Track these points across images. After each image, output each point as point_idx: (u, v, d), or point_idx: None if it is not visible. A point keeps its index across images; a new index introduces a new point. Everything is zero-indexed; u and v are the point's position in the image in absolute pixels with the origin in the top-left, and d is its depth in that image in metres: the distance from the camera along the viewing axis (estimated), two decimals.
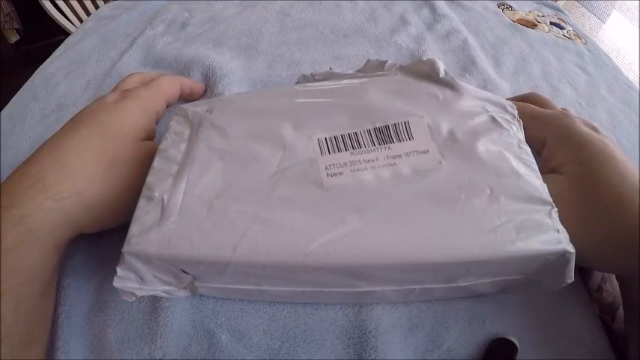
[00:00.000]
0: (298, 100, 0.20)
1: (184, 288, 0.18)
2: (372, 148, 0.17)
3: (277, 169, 0.17)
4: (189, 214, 0.16)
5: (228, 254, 0.15)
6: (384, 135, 0.18)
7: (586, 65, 0.37)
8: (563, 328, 0.19)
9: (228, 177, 0.17)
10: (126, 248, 0.15)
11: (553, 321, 0.19)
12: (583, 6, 1.29)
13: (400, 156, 0.17)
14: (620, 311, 0.20)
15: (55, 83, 0.33)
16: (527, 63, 0.35)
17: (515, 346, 0.18)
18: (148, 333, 0.19)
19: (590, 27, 1.27)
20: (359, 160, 0.17)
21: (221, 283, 0.17)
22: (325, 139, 0.18)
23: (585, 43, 0.41)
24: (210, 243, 0.15)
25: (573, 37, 0.42)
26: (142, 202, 0.16)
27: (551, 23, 0.42)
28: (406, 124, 0.18)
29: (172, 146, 0.18)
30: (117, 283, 0.16)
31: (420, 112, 0.18)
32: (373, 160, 0.17)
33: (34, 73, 0.36)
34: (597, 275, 0.21)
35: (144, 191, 0.17)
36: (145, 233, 0.15)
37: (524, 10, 0.43)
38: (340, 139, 0.18)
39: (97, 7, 1.04)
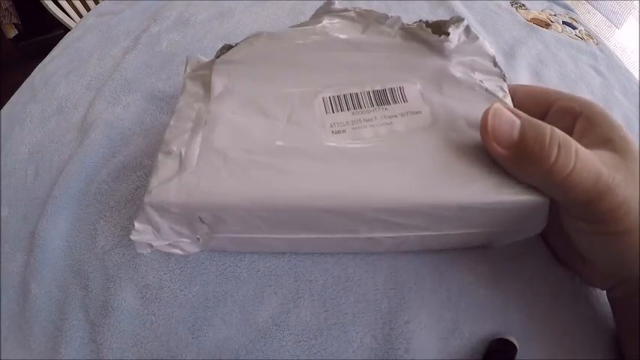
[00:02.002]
0: (303, 56, 0.21)
1: (198, 239, 0.20)
2: (371, 109, 0.19)
3: (286, 123, 0.19)
4: (206, 164, 0.17)
5: (244, 199, 0.17)
6: (382, 97, 0.20)
7: (599, 66, 0.37)
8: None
9: (241, 131, 0.18)
10: (147, 199, 0.16)
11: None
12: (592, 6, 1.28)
13: (396, 116, 0.19)
14: None
15: (55, 83, 0.32)
16: (544, 65, 0.34)
17: (515, 346, 0.18)
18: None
19: (595, 24, 1.26)
20: (359, 120, 0.19)
21: (234, 232, 0.19)
22: (329, 97, 0.20)
23: (597, 44, 0.40)
24: (228, 190, 0.17)
25: (585, 37, 0.41)
26: (160, 157, 0.18)
27: (563, 23, 0.41)
28: (401, 89, 0.20)
29: (187, 106, 0.20)
30: (134, 236, 0.17)
31: (412, 79, 0.20)
32: (372, 120, 0.19)
33: (33, 72, 0.35)
34: None
35: (162, 147, 0.18)
36: (165, 184, 0.17)
37: (536, 9, 0.42)
38: (343, 99, 0.20)
39: (96, 1, 1.03)
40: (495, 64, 0.20)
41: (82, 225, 0.23)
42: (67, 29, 0.95)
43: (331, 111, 0.19)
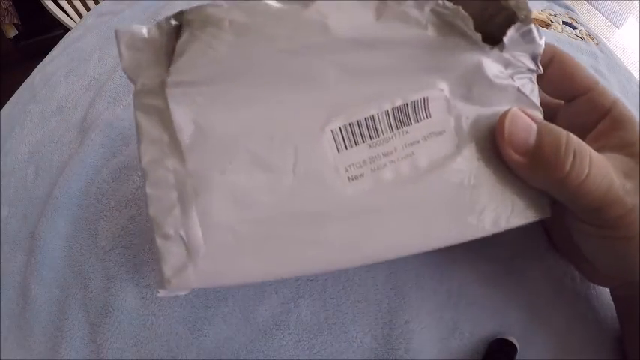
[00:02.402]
0: (292, 62, 0.16)
1: None
2: (390, 135, 0.16)
3: (292, 176, 0.16)
4: (216, 245, 0.15)
5: (268, 274, 0.16)
6: (402, 116, 0.16)
7: (599, 66, 0.37)
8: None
9: (241, 196, 0.15)
10: (167, 287, 0.15)
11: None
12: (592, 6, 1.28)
13: (418, 142, 0.16)
14: None
15: (55, 83, 0.32)
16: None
17: (515, 346, 0.18)
18: None
19: (595, 24, 1.26)
20: (378, 155, 0.16)
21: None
22: (340, 129, 0.16)
23: (597, 44, 0.40)
24: (249, 269, 0.15)
25: (585, 37, 0.41)
26: (159, 242, 0.15)
27: (563, 23, 0.41)
28: (425, 100, 0.16)
29: (156, 164, 0.16)
30: (161, 294, 0.16)
31: (439, 81, 0.16)
32: (392, 153, 0.16)
33: (33, 72, 0.35)
34: None
35: (155, 228, 0.16)
36: (181, 273, 0.15)
37: (536, 9, 0.42)
38: (357, 128, 0.16)
39: (96, 1, 1.03)
40: (537, 64, 0.17)
41: (83, 225, 0.23)
42: (67, 29, 0.95)
43: (344, 147, 0.16)
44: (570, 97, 0.18)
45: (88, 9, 1.03)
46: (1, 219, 0.25)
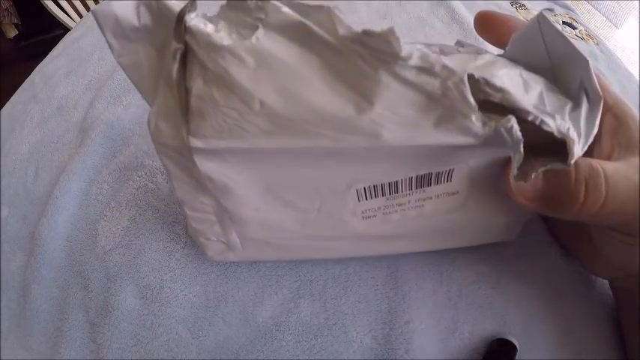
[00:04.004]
0: (337, 151, 0.15)
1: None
2: (408, 192, 0.17)
3: (317, 214, 0.17)
4: (251, 248, 0.19)
5: (284, 258, 0.21)
6: (424, 181, 0.16)
7: (600, 66, 0.37)
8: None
9: (272, 225, 0.18)
10: (209, 258, 0.20)
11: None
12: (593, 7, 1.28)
13: (430, 198, 0.17)
14: None
15: (55, 83, 0.32)
16: None
17: (515, 346, 0.18)
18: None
19: (595, 24, 1.26)
20: (392, 205, 0.17)
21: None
22: (365, 189, 0.17)
23: (597, 44, 0.40)
24: (272, 256, 0.20)
25: (585, 37, 0.41)
26: (203, 240, 0.19)
27: (563, 23, 0.41)
28: (450, 172, 0.16)
29: (193, 199, 0.17)
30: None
31: (468, 159, 0.16)
32: (404, 204, 0.17)
33: (33, 72, 0.35)
34: None
35: (197, 233, 0.19)
36: (222, 256, 0.20)
37: (537, 10, 0.42)
38: (380, 188, 0.17)
39: (96, 1, 1.03)
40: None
41: (83, 225, 0.23)
42: (67, 29, 0.95)
43: (364, 199, 0.17)
44: None
45: (88, 9, 1.03)
46: (1, 219, 0.25)
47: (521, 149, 0.13)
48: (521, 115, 0.13)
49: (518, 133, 0.13)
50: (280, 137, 0.14)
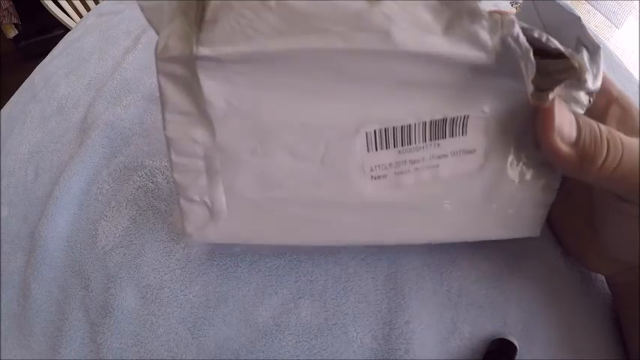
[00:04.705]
0: (344, 63, 0.14)
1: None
2: (422, 145, 0.16)
3: (319, 165, 0.16)
4: (238, 214, 0.17)
5: (281, 242, 0.18)
6: (439, 130, 0.16)
7: None
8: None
9: (267, 176, 0.16)
10: (189, 243, 0.19)
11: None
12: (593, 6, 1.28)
13: (446, 155, 0.16)
14: None
15: (55, 83, 0.32)
16: None
17: (515, 346, 0.18)
18: None
19: (595, 24, 1.26)
20: (404, 161, 0.16)
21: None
22: (375, 132, 0.15)
23: None
24: (266, 236, 0.18)
25: None
26: (183, 203, 0.17)
27: None
28: (465, 119, 0.15)
29: (183, 135, 0.15)
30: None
31: (483, 103, 0.15)
32: (418, 161, 0.16)
33: (33, 72, 0.35)
34: None
35: (180, 192, 0.16)
36: (203, 230, 0.17)
37: None
38: (391, 134, 0.16)
39: (96, 1, 1.03)
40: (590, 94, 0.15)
41: (83, 225, 0.23)
42: (67, 29, 0.95)
43: (374, 149, 0.16)
44: None
45: (88, 9, 1.03)
46: (1, 219, 0.25)
47: (532, 57, 0.13)
48: (526, 32, 0.13)
49: (525, 42, 0.13)
50: (292, 37, 0.13)
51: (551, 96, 0.14)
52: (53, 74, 0.33)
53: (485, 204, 0.17)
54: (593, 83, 0.14)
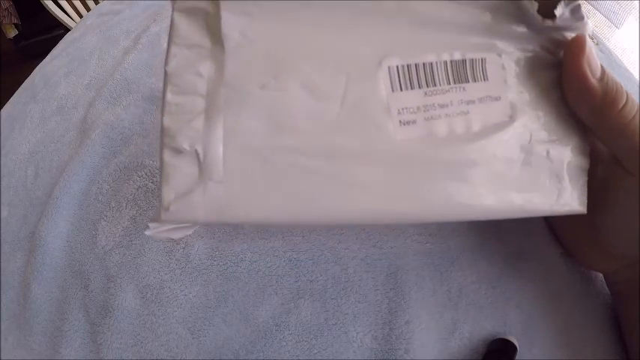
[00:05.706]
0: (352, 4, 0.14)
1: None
2: (447, 88, 0.15)
3: (340, 105, 0.14)
4: (236, 171, 0.13)
5: (290, 217, 0.13)
6: (460, 71, 0.16)
7: None
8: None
9: (278, 117, 0.13)
10: (165, 216, 0.13)
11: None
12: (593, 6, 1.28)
13: (474, 101, 0.16)
14: None
15: (55, 83, 0.32)
16: None
17: (515, 346, 0.18)
18: None
19: (595, 24, 1.26)
20: (433, 105, 0.15)
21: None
22: (397, 68, 0.15)
23: (597, 44, 0.40)
24: (269, 207, 0.13)
25: None
26: (167, 157, 0.13)
27: None
28: (482, 61, 0.16)
29: (187, 67, 0.13)
30: (149, 232, 0.14)
31: (497, 49, 0.16)
32: (447, 106, 0.15)
33: (33, 72, 0.35)
34: None
35: (165, 139, 0.13)
36: (185, 198, 0.13)
37: None
38: (414, 71, 0.15)
39: (96, 1, 1.03)
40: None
41: (83, 225, 0.23)
42: (67, 29, 0.95)
43: (399, 88, 0.15)
44: None
45: (88, 9, 1.03)
46: (1, 219, 0.25)
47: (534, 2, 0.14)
48: None
49: None
50: None
51: (558, 11, 0.15)
52: (53, 74, 0.33)
53: (525, 166, 0.16)
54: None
